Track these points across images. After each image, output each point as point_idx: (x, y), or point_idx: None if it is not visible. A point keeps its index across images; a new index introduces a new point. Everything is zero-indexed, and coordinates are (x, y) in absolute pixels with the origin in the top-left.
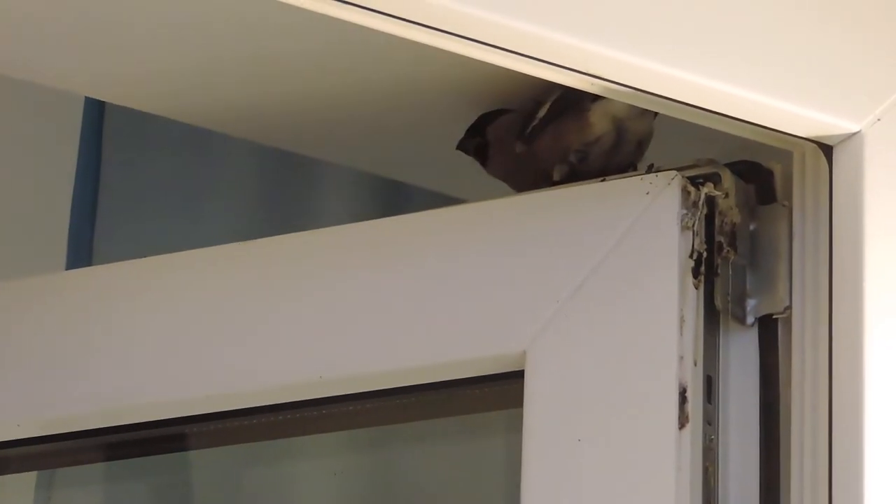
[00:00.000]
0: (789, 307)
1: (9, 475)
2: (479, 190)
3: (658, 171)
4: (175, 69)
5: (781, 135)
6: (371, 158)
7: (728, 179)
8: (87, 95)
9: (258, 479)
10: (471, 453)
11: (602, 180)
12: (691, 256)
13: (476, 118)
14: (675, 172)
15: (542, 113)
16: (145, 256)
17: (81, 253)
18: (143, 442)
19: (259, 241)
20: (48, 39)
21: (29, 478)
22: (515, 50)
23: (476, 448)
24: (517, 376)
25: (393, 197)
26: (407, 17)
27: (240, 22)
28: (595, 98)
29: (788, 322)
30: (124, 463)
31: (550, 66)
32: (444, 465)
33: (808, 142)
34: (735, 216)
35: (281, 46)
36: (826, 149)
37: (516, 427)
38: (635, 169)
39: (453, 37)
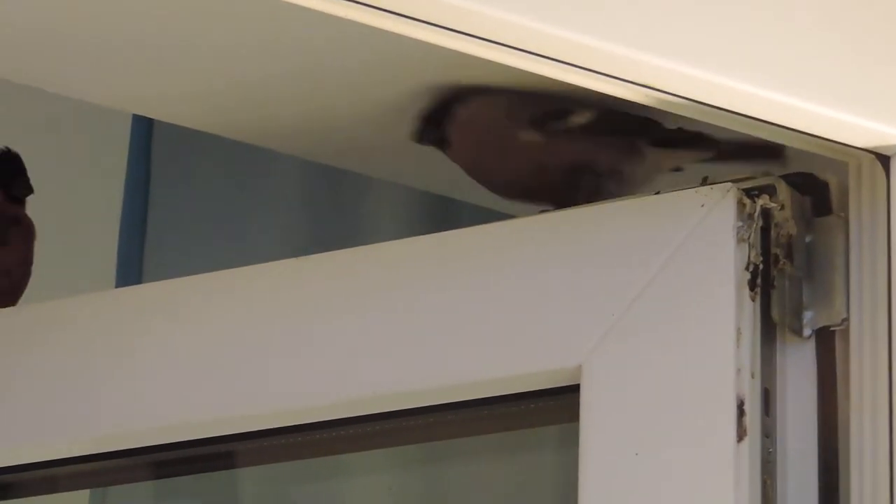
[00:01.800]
0: (846, 319)
1: (61, 493)
2: (527, 206)
3: (712, 183)
4: (222, 86)
5: (838, 145)
6: (418, 174)
7: (783, 191)
8: (135, 113)
9: (312, 496)
10: (523, 468)
11: (657, 193)
12: (747, 269)
13: (435, 103)
14: (730, 184)
15: (582, 119)
16: (195, 273)
17: (131, 270)
18: (194, 459)
19: (311, 257)
20: (96, 57)
21: (82, 496)
22: (571, 62)
23: (529, 463)
24: (571, 391)
25: (440, 213)
26: (458, 29)
27: (286, 38)
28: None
29: (846, 334)
30: (176, 481)
31: (607, 77)
32: (497, 480)
33: (864, 152)
34: (791, 228)
35: (328, 62)
36: (883, 159)
37: (568, 441)
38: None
39: (503, 48)
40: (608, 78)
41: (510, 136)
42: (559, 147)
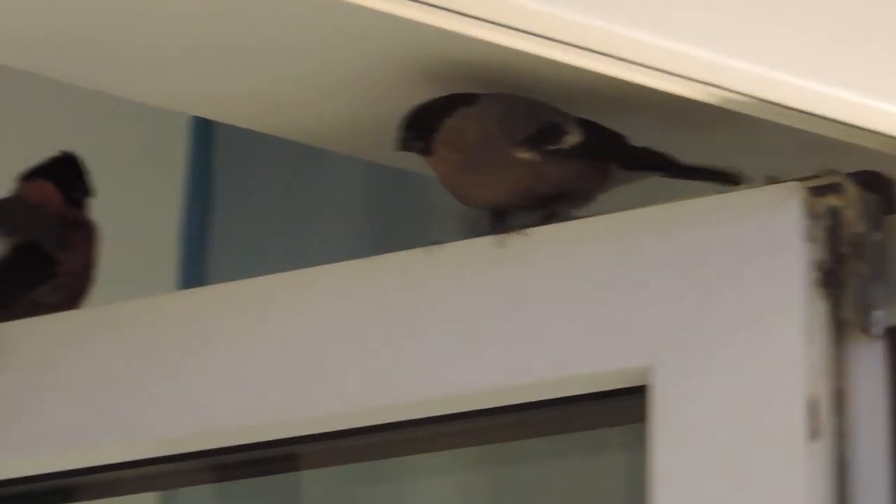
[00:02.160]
0: None
1: (127, 496)
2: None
3: (779, 182)
4: (282, 86)
5: None
6: None
7: (851, 189)
8: (195, 115)
9: (378, 497)
10: (589, 469)
11: (723, 193)
12: (816, 268)
13: (419, 107)
14: (796, 183)
15: (574, 140)
16: (257, 275)
17: (193, 272)
18: (259, 461)
19: (375, 258)
20: (156, 60)
21: (147, 499)
22: (634, 60)
23: (594, 464)
24: (636, 392)
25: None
26: (524, 29)
27: (348, 38)
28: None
29: None
30: (243, 483)
31: (672, 76)
32: (563, 481)
33: None
34: (859, 226)
35: (389, 62)
36: None
37: (632, 442)
38: None
39: (570, 47)
40: (674, 77)
41: (501, 153)
42: (549, 170)
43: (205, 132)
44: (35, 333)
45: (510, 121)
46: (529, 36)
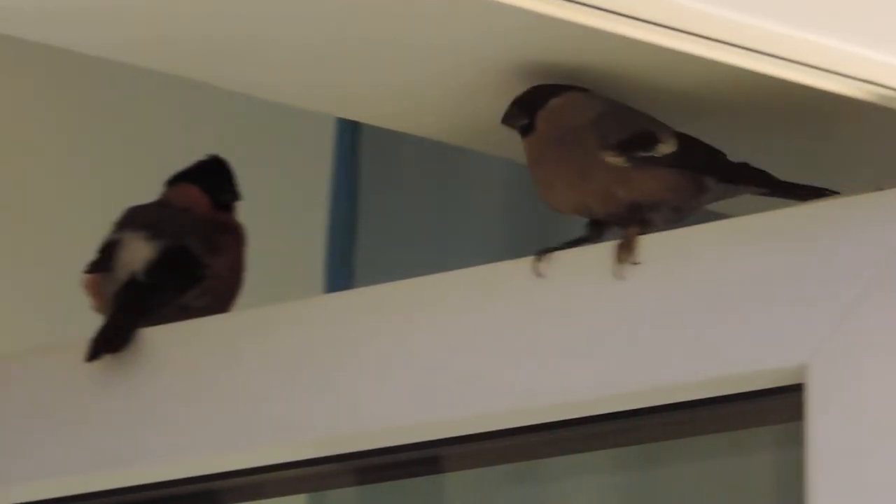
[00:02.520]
0: None
1: (276, 499)
2: (731, 202)
3: None
4: (425, 86)
5: None
6: None
7: None
8: (340, 116)
9: (528, 497)
10: (739, 470)
11: (879, 189)
12: None
13: (531, 87)
14: None
15: (667, 149)
16: (405, 277)
17: (341, 275)
18: (407, 463)
19: (522, 259)
20: (301, 61)
21: (297, 501)
22: (792, 58)
23: (744, 464)
24: (789, 390)
25: None
26: (675, 27)
27: (490, 36)
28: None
29: None
30: (394, 484)
31: (828, 73)
32: (712, 481)
33: None
34: None
35: (532, 59)
36: None
37: (785, 441)
38: None
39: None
40: (831, 74)
41: (588, 153)
42: (636, 179)
43: (350, 134)
44: (184, 338)
45: (606, 121)
46: (687, 35)
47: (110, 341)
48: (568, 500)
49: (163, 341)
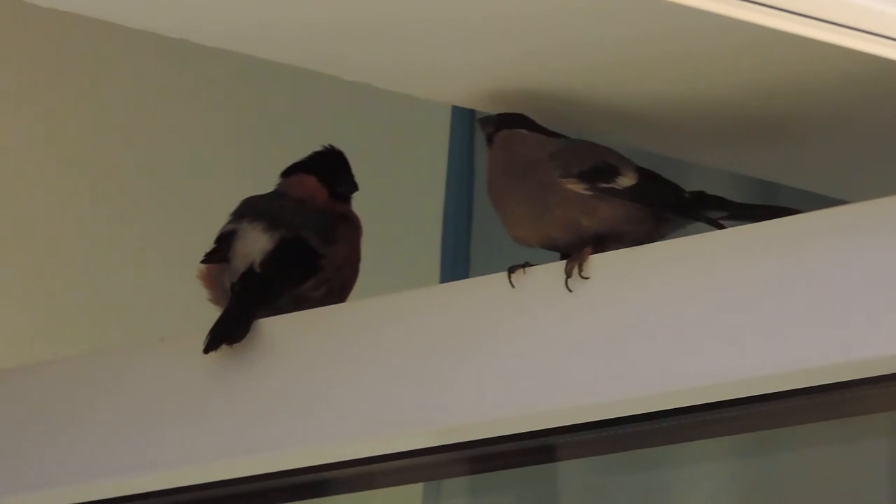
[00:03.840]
0: None
1: (392, 487)
2: (854, 189)
3: None
4: (540, 74)
5: None
6: (745, 160)
7: None
8: (455, 105)
9: (647, 485)
10: (856, 456)
11: None
12: None
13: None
14: None
15: (628, 182)
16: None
17: (457, 264)
18: (528, 451)
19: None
20: (419, 50)
21: (416, 489)
22: None
23: (862, 451)
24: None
25: (767, 199)
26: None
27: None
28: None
29: None
30: (510, 473)
31: None
32: (830, 468)
33: None
34: None
35: (660, 48)
36: None
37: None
38: None
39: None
40: None
41: (552, 182)
42: (600, 208)
43: (466, 123)
44: (300, 329)
45: (565, 154)
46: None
47: (228, 333)
48: (682, 489)
49: (280, 332)
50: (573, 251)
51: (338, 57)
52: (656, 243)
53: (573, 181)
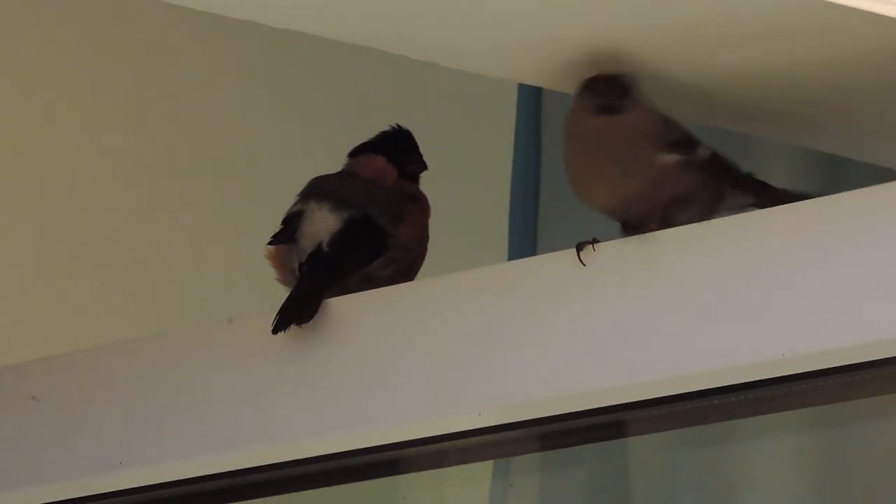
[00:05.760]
0: None
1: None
2: None
3: None
4: (605, 50)
5: None
6: (808, 133)
7: None
8: (520, 82)
9: (717, 459)
10: None
11: None
12: None
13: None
14: None
15: (706, 153)
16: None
17: (525, 242)
18: (597, 427)
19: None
20: (485, 28)
21: (485, 467)
22: None
23: None
24: None
25: (829, 172)
26: None
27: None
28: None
29: None
30: (579, 450)
31: None
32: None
33: None
34: None
35: (727, 24)
36: None
37: None
38: None
39: None
40: None
41: (646, 152)
42: (680, 174)
43: (533, 101)
44: (369, 308)
45: (664, 126)
46: None
47: (297, 313)
48: (752, 463)
49: (348, 311)
50: (641, 219)
51: (404, 36)
52: (727, 217)
53: (663, 150)
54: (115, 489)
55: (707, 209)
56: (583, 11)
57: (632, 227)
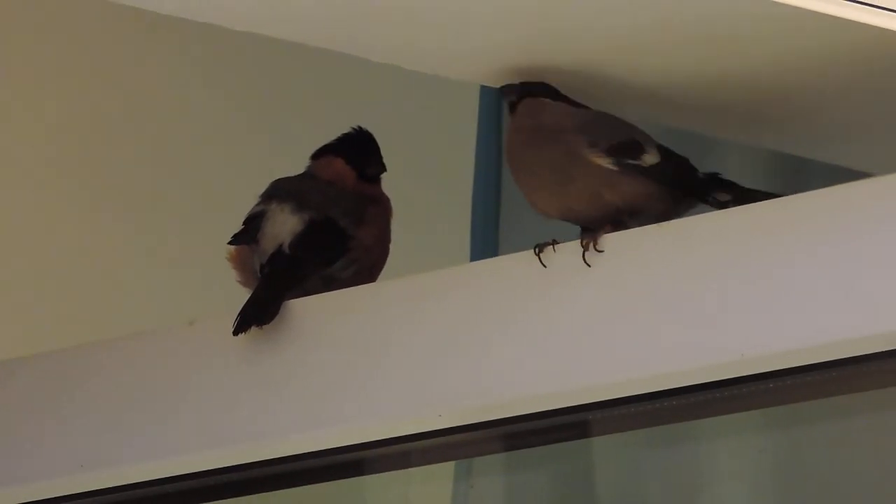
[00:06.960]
0: None
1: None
2: (881, 162)
3: None
4: (565, 51)
5: None
6: (771, 135)
7: None
8: (482, 84)
9: (680, 459)
10: (884, 429)
11: None
12: None
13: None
14: None
15: (653, 159)
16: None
17: (486, 244)
18: (558, 428)
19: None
20: (446, 31)
21: (447, 468)
22: None
23: (890, 424)
24: None
25: (789, 172)
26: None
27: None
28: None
29: None
30: (540, 450)
31: None
32: (860, 442)
33: None
34: None
35: (679, 27)
36: None
37: None
38: None
39: None
40: None
41: (578, 154)
42: (623, 183)
43: (495, 104)
44: (330, 309)
45: (594, 126)
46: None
47: (258, 314)
48: (714, 463)
49: (309, 313)
50: (592, 224)
51: (365, 39)
52: (682, 219)
53: (600, 155)
54: (76, 491)
55: (661, 217)
56: (542, 16)
57: (589, 229)
